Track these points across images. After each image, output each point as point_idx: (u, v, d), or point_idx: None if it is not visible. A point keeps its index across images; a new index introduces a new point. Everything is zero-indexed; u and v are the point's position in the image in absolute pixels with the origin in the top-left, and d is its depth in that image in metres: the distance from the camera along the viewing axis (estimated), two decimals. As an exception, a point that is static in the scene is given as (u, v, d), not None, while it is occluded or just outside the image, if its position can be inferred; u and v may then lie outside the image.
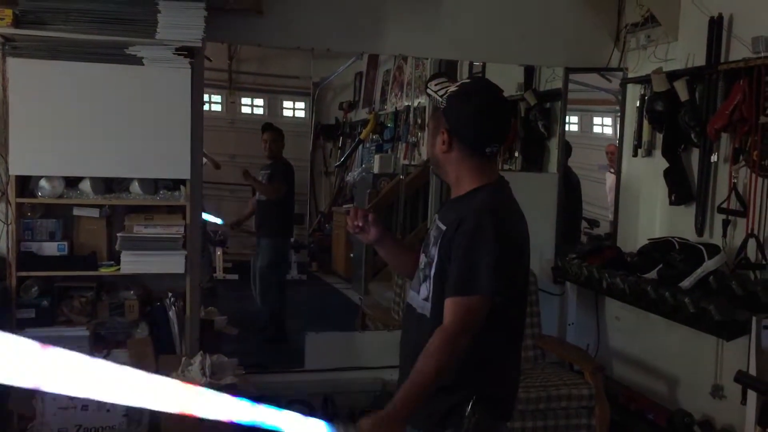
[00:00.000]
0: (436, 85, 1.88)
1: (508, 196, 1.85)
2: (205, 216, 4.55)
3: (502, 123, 1.86)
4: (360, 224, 1.96)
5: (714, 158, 3.31)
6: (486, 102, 1.81)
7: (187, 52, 3.29)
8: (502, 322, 1.76)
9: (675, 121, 3.45)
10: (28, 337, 3.31)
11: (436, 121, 1.85)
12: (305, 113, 8.34)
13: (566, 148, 4.29)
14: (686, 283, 3.12)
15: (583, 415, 3.41)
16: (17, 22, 3.07)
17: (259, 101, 8.28)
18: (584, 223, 5.02)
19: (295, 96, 8.31)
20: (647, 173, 3.82)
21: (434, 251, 1.80)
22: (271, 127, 5.45)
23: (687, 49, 3.51)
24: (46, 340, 3.28)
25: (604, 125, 5.90)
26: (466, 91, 1.82)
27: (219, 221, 5.71)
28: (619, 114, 4.14)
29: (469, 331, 1.67)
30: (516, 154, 4.49)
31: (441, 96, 1.83)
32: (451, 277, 1.72)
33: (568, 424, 3.40)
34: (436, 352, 1.66)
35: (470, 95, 1.81)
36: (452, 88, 1.82)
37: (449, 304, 1.70)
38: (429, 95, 1.90)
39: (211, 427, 3.19)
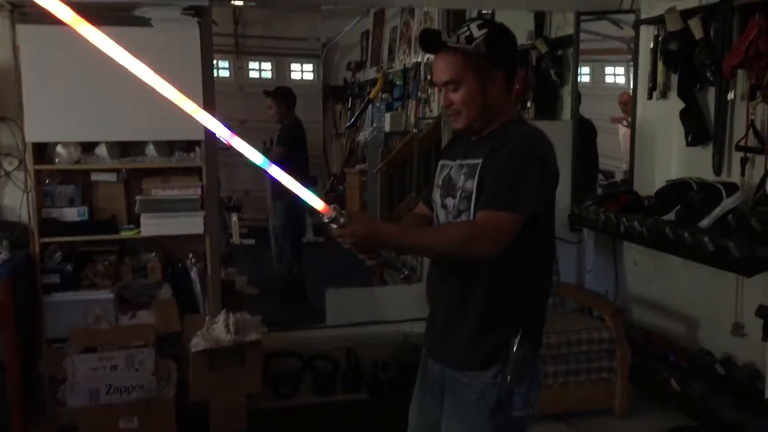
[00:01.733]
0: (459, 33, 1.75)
1: None
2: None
3: None
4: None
5: (731, 96, 3.27)
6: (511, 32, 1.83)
7: (195, 11, 3.29)
8: (543, 249, 1.78)
9: (690, 60, 3.39)
10: (55, 301, 3.38)
11: (476, 69, 1.71)
12: (314, 75, 8.30)
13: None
14: (705, 223, 3.10)
15: (604, 357, 3.44)
16: (24, -12, 3.06)
17: (267, 65, 8.23)
18: (599, 176, 4.99)
19: (302, 58, 8.26)
20: (663, 116, 3.78)
21: (471, 184, 1.72)
22: (269, 93, 5.33)
23: (701, -14, 3.44)
24: (72, 305, 3.32)
25: (616, 74, 5.82)
26: (499, 27, 1.78)
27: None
28: (631, 63, 4.07)
29: (491, 244, 1.60)
30: (528, 104, 4.44)
31: (474, 40, 1.70)
32: (486, 194, 1.67)
33: (590, 367, 3.43)
34: (451, 234, 1.66)
35: (504, 29, 1.79)
36: (479, 31, 1.71)
37: (480, 215, 1.64)
38: (452, 47, 1.72)
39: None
